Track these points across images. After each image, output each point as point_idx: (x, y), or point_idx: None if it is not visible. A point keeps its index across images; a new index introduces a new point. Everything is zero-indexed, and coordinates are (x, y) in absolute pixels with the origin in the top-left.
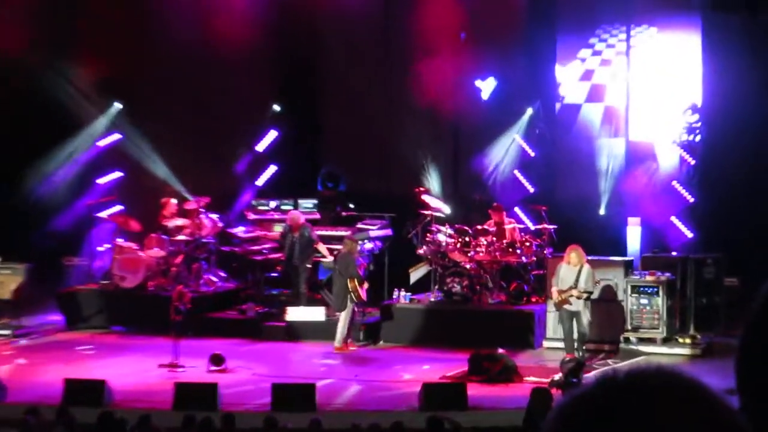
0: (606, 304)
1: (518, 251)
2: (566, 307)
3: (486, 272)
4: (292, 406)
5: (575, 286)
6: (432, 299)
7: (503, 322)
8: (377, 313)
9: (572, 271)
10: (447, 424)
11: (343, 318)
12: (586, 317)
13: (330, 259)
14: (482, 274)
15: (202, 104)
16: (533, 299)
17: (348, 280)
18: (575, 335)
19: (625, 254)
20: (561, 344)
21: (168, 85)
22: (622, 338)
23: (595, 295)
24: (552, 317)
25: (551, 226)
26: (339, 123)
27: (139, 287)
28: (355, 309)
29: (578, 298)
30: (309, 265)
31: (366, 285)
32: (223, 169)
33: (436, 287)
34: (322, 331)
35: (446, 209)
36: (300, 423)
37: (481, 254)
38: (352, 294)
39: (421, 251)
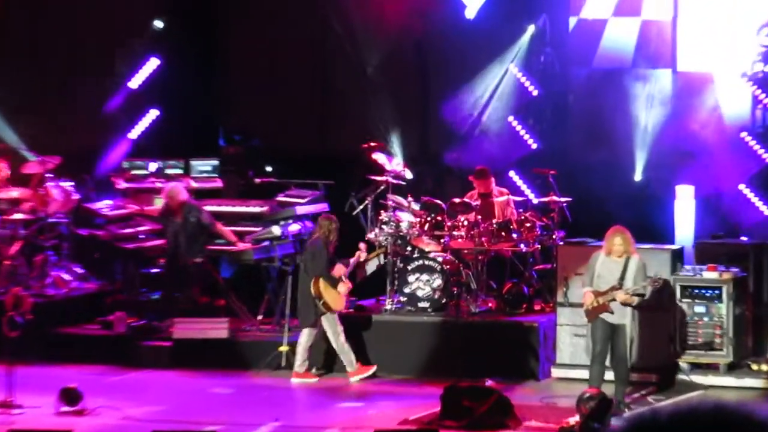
0: (650, 314)
1: (514, 235)
2: (604, 316)
3: (467, 267)
4: None
5: (620, 286)
6: (387, 307)
7: (493, 341)
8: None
9: (615, 265)
10: None
11: (305, 336)
12: (627, 334)
13: (244, 246)
14: (461, 270)
15: (47, 18)
16: (537, 306)
17: (312, 282)
18: (608, 359)
19: (671, 240)
20: (579, 372)
21: None
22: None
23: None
24: (565, 333)
25: (563, 199)
26: (251, 48)
27: None
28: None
29: (625, 304)
30: (200, 259)
31: (344, 288)
32: (80, 115)
33: (394, 289)
34: (225, 355)
35: (408, 174)
36: None
37: (459, 240)
38: (317, 301)
39: (371, 236)
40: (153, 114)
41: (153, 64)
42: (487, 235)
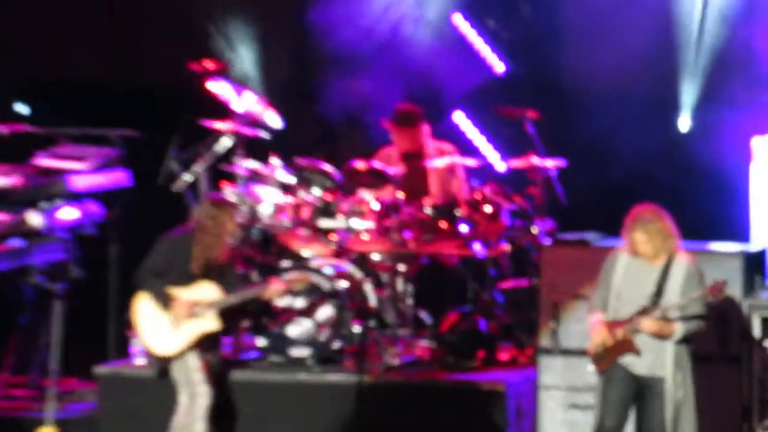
0: (705, 364)
1: (463, 228)
2: (627, 363)
3: (379, 285)
4: None
5: (654, 306)
6: (242, 357)
7: (426, 418)
8: (91, 394)
9: (647, 273)
10: None
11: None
12: (670, 397)
13: None
14: (367, 291)
15: None
16: (503, 355)
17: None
18: None
19: (743, 237)
20: None
21: None
22: None
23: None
24: (555, 403)
25: (550, 164)
26: None
27: None
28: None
29: (660, 336)
30: None
31: (187, 316)
32: None
33: (249, 326)
34: None
35: (273, 119)
36: None
37: (365, 238)
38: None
39: None
40: None
41: None
42: (416, 228)
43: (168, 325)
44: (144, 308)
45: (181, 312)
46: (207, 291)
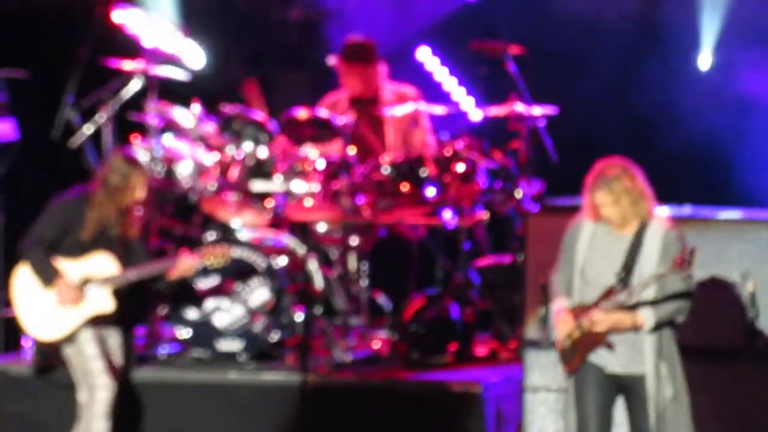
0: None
1: (429, 192)
2: (598, 359)
3: (326, 262)
4: None
5: (623, 285)
6: (159, 352)
7: (382, 425)
8: None
9: (616, 243)
10: None
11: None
12: (654, 396)
13: None
14: (312, 270)
15: None
16: (480, 350)
17: None
18: None
19: (765, 199)
20: None
21: None
22: None
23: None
24: (544, 407)
25: (537, 112)
26: None
27: None
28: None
29: (628, 329)
30: None
31: (69, 295)
32: None
33: (165, 314)
34: None
35: (194, 57)
36: None
37: (307, 205)
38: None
39: None
40: None
41: None
42: (372, 192)
43: (53, 305)
44: (24, 285)
45: (65, 296)
46: (102, 264)
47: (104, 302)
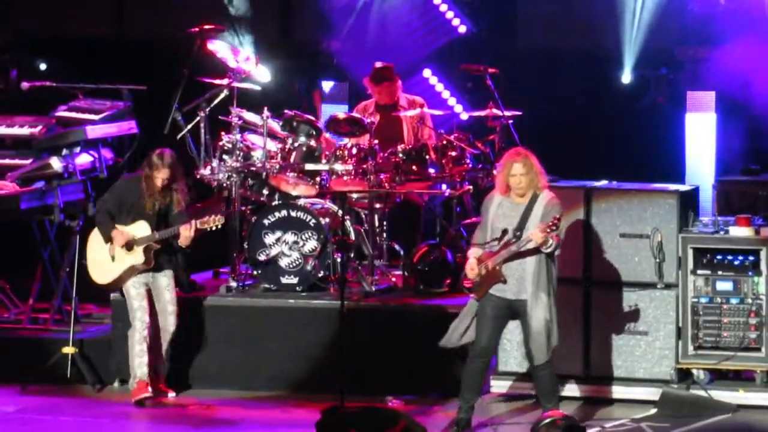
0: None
1: (432, 171)
2: (497, 291)
3: (358, 221)
4: None
5: (514, 238)
6: (232, 284)
7: (399, 338)
8: (106, 318)
9: (515, 209)
10: None
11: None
12: (545, 313)
13: (2, 189)
14: (348, 226)
15: None
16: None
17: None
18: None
19: (679, 178)
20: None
21: None
22: (671, 372)
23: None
24: (513, 325)
25: (509, 113)
26: None
27: None
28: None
29: (541, 245)
30: None
31: (122, 253)
32: None
33: (243, 256)
34: None
35: (264, 74)
36: None
37: (345, 179)
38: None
39: (205, 171)
40: None
41: None
42: (390, 171)
43: (107, 258)
44: (92, 243)
45: (118, 241)
46: (140, 229)
47: (138, 256)
